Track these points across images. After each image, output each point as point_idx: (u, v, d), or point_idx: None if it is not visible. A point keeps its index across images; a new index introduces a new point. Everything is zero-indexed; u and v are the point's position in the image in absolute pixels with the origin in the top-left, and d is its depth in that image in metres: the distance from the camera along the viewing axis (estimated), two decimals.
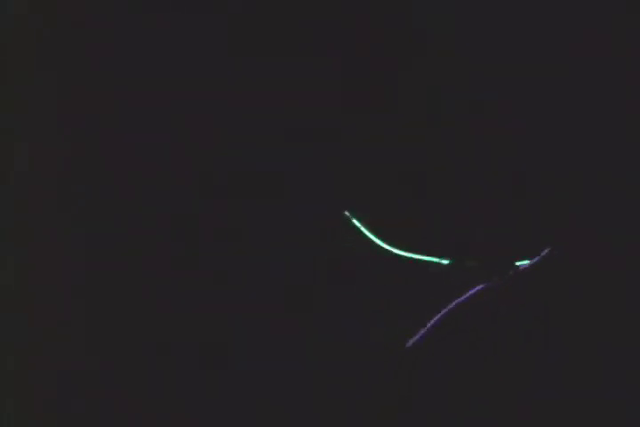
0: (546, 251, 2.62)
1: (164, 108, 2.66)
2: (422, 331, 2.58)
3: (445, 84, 2.67)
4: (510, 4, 2.67)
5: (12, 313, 2.58)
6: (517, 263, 2.61)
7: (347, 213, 2.64)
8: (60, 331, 2.59)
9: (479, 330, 2.61)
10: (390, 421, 2.58)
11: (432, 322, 2.58)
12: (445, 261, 2.62)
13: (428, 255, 2.62)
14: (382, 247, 2.63)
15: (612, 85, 2.65)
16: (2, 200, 2.61)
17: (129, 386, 2.58)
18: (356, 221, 2.64)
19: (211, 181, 2.66)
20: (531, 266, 2.61)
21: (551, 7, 2.66)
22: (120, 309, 2.61)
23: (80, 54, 2.65)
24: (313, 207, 2.66)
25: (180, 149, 2.66)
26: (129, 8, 2.66)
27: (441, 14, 2.67)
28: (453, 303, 2.58)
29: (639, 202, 2.63)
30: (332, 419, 2.59)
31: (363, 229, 2.64)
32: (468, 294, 2.59)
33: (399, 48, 2.67)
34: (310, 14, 2.67)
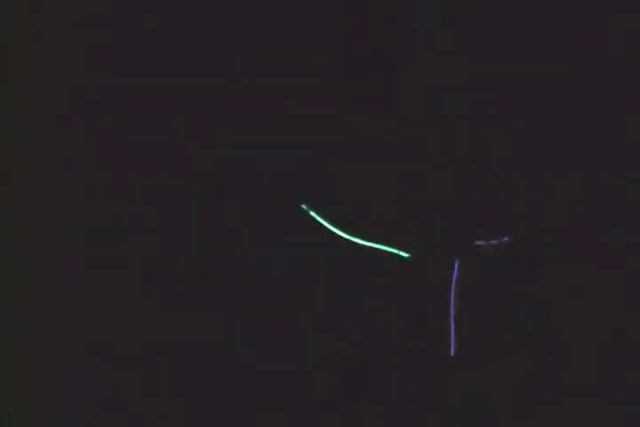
0: (506, 238, 2.62)
1: (164, 108, 2.66)
2: (451, 333, 2.59)
3: (445, 84, 2.67)
4: (510, 4, 2.67)
5: (12, 313, 2.58)
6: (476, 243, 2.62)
7: (304, 205, 2.63)
8: (60, 331, 2.59)
9: (479, 330, 2.61)
10: (390, 420, 2.58)
11: (452, 322, 2.59)
12: (405, 254, 2.62)
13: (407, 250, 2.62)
14: (343, 238, 2.63)
15: (612, 85, 2.65)
16: (2, 200, 2.61)
17: (129, 386, 2.58)
18: (313, 214, 2.64)
19: (211, 181, 2.66)
20: (489, 246, 2.62)
21: (551, 7, 2.66)
22: (120, 309, 2.61)
23: (80, 54, 2.65)
24: (313, 207, 2.66)
25: (180, 149, 2.66)
26: (129, 8, 2.65)
27: (441, 14, 2.67)
28: (451, 298, 2.59)
29: (639, 202, 2.63)
30: (331, 419, 2.59)
31: (321, 220, 2.64)
32: (453, 285, 2.59)
33: (399, 48, 2.67)
34: (310, 14, 2.67)
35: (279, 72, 2.67)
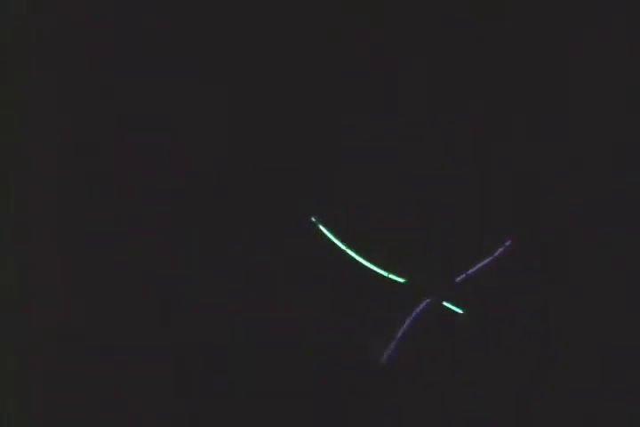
0: (508, 243, 2.64)
1: (164, 108, 2.66)
2: (392, 343, 2.61)
3: (445, 84, 2.67)
4: (510, 4, 2.67)
5: (12, 313, 2.58)
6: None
7: (314, 218, 2.65)
8: (60, 331, 2.59)
9: (479, 330, 2.62)
10: (390, 420, 2.59)
11: (399, 334, 2.61)
12: (400, 279, 2.64)
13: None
14: (347, 253, 2.66)
15: (612, 86, 2.65)
16: (2, 200, 2.62)
17: (128, 386, 2.58)
18: (322, 228, 2.66)
19: (211, 181, 2.67)
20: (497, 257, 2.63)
21: (552, 7, 2.66)
22: (120, 309, 2.61)
23: (80, 54, 2.65)
24: (313, 207, 2.67)
25: (180, 149, 2.66)
26: (129, 8, 2.66)
27: (440, 14, 2.67)
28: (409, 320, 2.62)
29: (639, 202, 2.63)
30: (331, 418, 2.59)
31: (328, 234, 2.66)
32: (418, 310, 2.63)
33: (399, 48, 2.68)
34: (311, 14, 2.67)
35: (279, 72, 2.67)
